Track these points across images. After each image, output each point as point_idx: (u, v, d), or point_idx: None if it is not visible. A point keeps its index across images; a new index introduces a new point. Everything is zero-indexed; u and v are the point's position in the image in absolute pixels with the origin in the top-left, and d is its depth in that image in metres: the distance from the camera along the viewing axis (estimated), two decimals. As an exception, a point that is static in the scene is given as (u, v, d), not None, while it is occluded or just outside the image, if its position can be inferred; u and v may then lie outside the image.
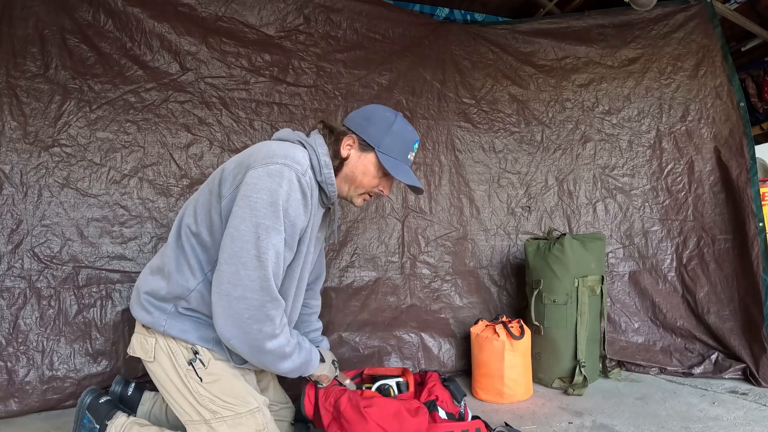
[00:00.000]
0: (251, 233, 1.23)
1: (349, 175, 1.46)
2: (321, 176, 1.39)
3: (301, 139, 1.42)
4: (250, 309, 1.23)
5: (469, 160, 2.85)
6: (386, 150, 1.43)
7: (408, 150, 1.48)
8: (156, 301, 1.37)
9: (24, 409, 1.96)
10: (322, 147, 1.41)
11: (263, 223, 1.23)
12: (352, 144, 1.45)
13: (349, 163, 1.45)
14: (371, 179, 1.46)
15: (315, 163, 1.38)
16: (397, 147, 1.45)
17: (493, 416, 2.00)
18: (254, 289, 1.23)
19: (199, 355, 1.35)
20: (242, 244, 1.23)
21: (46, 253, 2.10)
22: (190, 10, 2.40)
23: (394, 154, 1.44)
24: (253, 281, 1.23)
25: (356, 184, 1.47)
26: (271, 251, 1.24)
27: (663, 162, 2.87)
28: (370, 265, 2.60)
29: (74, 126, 2.19)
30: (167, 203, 2.29)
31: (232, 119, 2.42)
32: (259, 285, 1.23)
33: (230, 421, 1.35)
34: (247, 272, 1.22)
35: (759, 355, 2.37)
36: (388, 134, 1.43)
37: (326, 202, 1.47)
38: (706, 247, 2.72)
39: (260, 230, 1.23)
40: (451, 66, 2.88)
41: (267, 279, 1.24)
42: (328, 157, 1.40)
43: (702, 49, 2.86)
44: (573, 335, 2.35)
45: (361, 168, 1.45)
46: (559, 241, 2.38)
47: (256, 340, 1.26)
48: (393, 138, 1.44)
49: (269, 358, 1.31)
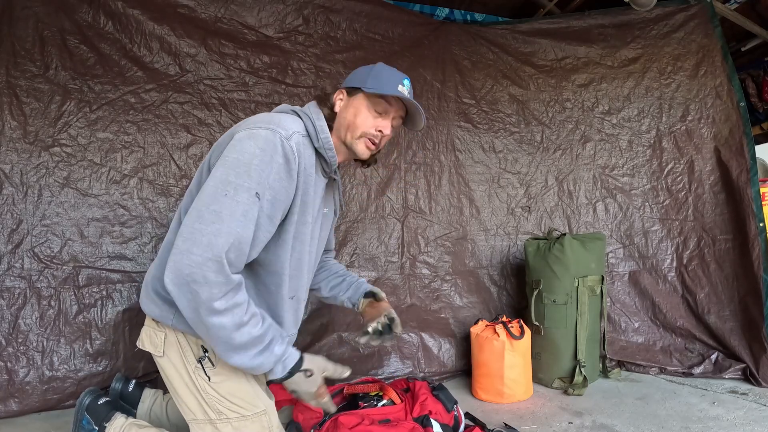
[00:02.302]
0: (217, 189, 1.16)
1: (342, 123, 1.43)
2: (318, 142, 1.36)
3: (295, 109, 1.42)
4: (191, 266, 1.11)
5: (469, 160, 2.85)
6: (372, 86, 1.40)
7: (396, 83, 1.42)
8: (164, 293, 1.32)
9: (24, 409, 1.97)
10: (316, 113, 1.39)
11: (233, 182, 1.16)
12: (342, 96, 1.45)
13: (340, 112, 1.43)
14: (365, 118, 1.41)
15: (311, 129, 1.36)
16: (383, 81, 1.41)
17: (493, 416, 2.00)
18: (201, 244, 1.11)
19: (209, 354, 1.32)
20: (206, 198, 1.16)
21: (46, 253, 2.11)
22: (190, 11, 2.41)
23: (380, 88, 1.40)
24: (204, 236, 1.12)
25: (352, 127, 1.41)
26: (238, 211, 1.15)
27: (663, 162, 2.87)
28: (370, 265, 2.60)
29: (74, 126, 2.20)
30: (167, 203, 2.30)
31: (231, 120, 2.43)
32: (207, 240, 1.11)
33: (235, 423, 1.33)
34: (200, 226, 1.13)
35: (759, 355, 2.37)
36: (371, 75, 1.42)
37: (328, 171, 1.43)
38: (707, 247, 2.71)
39: (229, 188, 1.16)
40: (451, 66, 2.88)
41: (217, 235, 1.12)
42: (323, 122, 1.38)
43: (702, 49, 2.86)
44: (573, 335, 2.35)
45: (352, 110, 1.42)
46: (559, 241, 2.38)
47: (193, 303, 1.13)
48: (375, 76, 1.41)
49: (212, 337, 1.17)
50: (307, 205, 1.35)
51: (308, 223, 1.38)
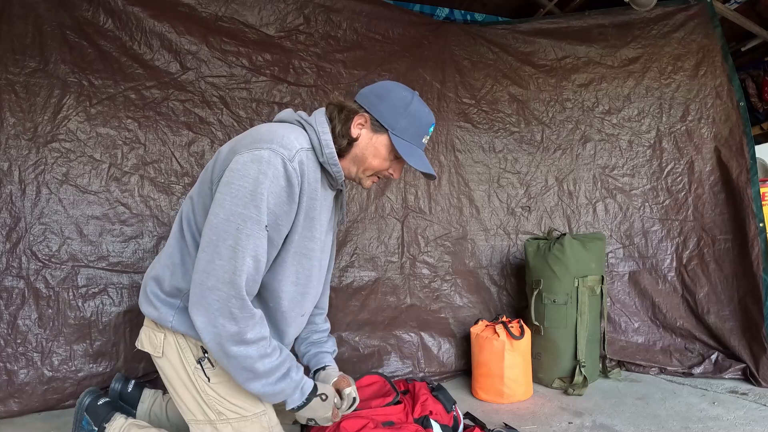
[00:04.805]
0: (230, 222, 1.17)
1: (359, 156, 1.36)
2: (323, 157, 1.31)
3: (300, 118, 1.35)
4: (219, 301, 1.17)
5: (468, 160, 2.85)
6: (400, 133, 1.33)
7: (423, 133, 1.38)
8: (163, 296, 1.33)
9: (24, 409, 1.96)
10: (322, 125, 1.32)
11: (243, 213, 1.17)
12: (364, 123, 1.35)
13: (359, 143, 1.35)
14: (382, 162, 1.37)
15: (316, 143, 1.30)
16: (412, 130, 1.35)
17: (492, 416, 2.00)
18: (225, 281, 1.17)
19: (208, 354, 1.31)
20: (219, 232, 1.17)
21: (45, 251, 2.09)
22: (190, 10, 2.40)
23: (408, 137, 1.35)
24: (226, 272, 1.17)
25: (365, 166, 1.38)
26: (250, 244, 1.18)
27: (663, 162, 2.87)
28: (370, 265, 2.60)
29: (74, 120, 2.17)
30: (169, 201, 2.29)
31: (232, 118, 2.42)
32: (230, 278, 1.17)
33: (235, 424, 1.33)
34: (221, 262, 1.17)
35: (759, 355, 2.38)
36: (404, 116, 1.34)
37: (334, 185, 1.39)
38: (706, 247, 2.71)
39: (239, 220, 1.17)
40: (451, 66, 2.88)
41: (236, 273, 1.17)
42: (329, 136, 1.32)
43: (702, 49, 2.86)
44: (573, 335, 2.35)
45: (371, 150, 1.35)
46: (559, 241, 2.38)
47: (218, 336, 1.19)
48: (409, 120, 1.34)
49: (233, 365, 1.22)
50: (314, 221, 1.34)
51: (316, 239, 1.37)
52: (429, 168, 1.39)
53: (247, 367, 1.23)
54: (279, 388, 1.28)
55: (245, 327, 1.20)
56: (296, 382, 1.32)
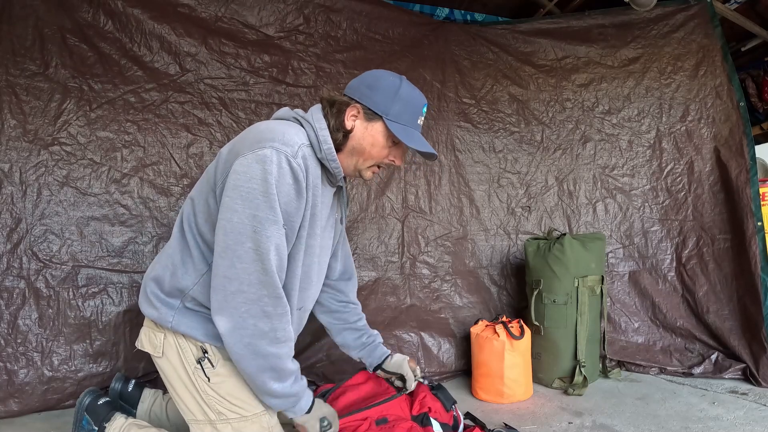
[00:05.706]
0: (246, 225, 1.17)
1: (356, 148, 1.36)
2: (321, 153, 1.31)
3: (297, 115, 1.36)
4: (246, 303, 1.18)
5: (469, 160, 2.85)
6: (395, 117, 1.33)
7: (417, 114, 1.38)
8: (163, 296, 1.34)
9: (24, 409, 1.96)
10: (319, 122, 1.32)
11: (258, 215, 1.17)
12: (357, 114, 1.34)
13: (354, 135, 1.35)
14: (380, 150, 1.37)
15: (314, 139, 1.30)
16: (406, 113, 1.35)
17: (493, 416, 2.00)
18: (251, 283, 1.18)
19: (208, 354, 1.32)
20: (236, 236, 1.18)
21: (46, 252, 2.10)
22: (190, 10, 2.40)
23: (403, 120, 1.34)
24: (251, 274, 1.18)
25: (365, 157, 1.37)
26: (271, 244, 1.19)
27: (663, 162, 2.87)
28: (370, 265, 2.60)
29: (74, 125, 2.19)
30: (168, 203, 2.29)
31: (231, 120, 2.43)
32: (257, 278, 1.19)
33: (235, 424, 1.33)
34: (243, 265, 1.18)
35: (759, 355, 2.37)
36: (396, 100, 1.33)
37: (334, 181, 1.40)
38: (706, 247, 2.71)
39: (256, 222, 1.17)
40: (451, 66, 2.88)
41: (266, 272, 1.19)
42: (326, 131, 1.31)
43: (702, 49, 2.86)
44: (573, 335, 2.35)
45: (369, 139, 1.35)
46: (559, 241, 2.38)
47: (250, 337, 1.20)
48: (401, 104, 1.34)
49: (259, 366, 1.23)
50: (316, 217, 1.35)
51: (317, 235, 1.38)
52: (429, 147, 1.38)
53: (275, 366, 1.25)
54: (296, 388, 1.31)
55: (278, 324, 1.23)
56: (304, 386, 1.35)
